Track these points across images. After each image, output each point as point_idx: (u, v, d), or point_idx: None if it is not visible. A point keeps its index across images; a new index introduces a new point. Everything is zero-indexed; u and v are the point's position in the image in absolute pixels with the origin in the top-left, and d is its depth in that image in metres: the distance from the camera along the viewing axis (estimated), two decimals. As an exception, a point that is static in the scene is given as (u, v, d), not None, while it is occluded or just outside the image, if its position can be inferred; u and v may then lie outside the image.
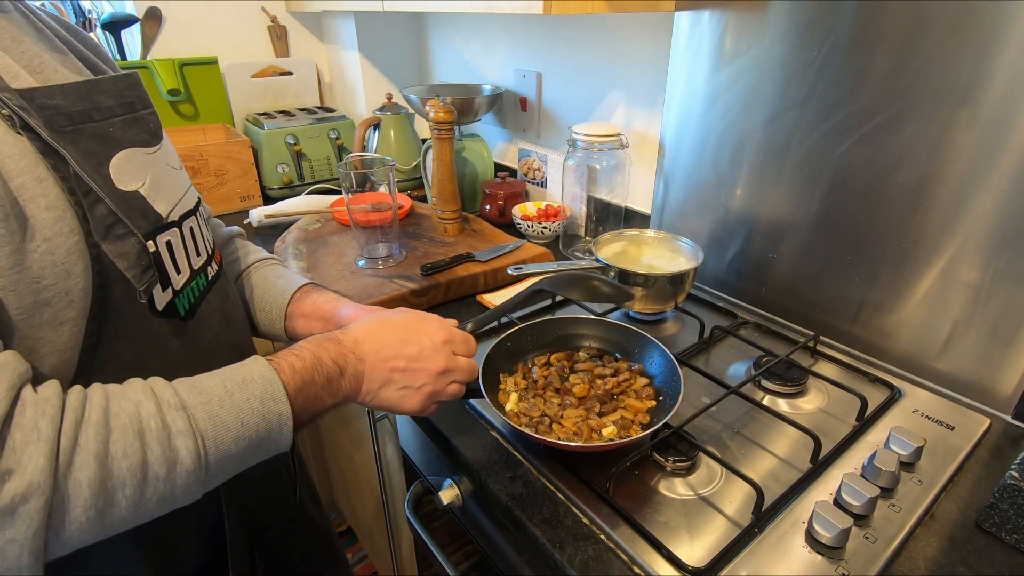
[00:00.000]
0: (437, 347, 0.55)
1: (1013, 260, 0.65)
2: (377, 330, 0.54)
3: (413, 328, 0.56)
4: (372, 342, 0.53)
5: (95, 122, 0.43)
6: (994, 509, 0.54)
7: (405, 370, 0.53)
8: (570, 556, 0.52)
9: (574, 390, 0.66)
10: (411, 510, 0.79)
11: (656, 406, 0.65)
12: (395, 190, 0.98)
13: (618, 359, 0.72)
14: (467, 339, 0.59)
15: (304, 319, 0.66)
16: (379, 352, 0.53)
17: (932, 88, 0.67)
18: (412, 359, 0.54)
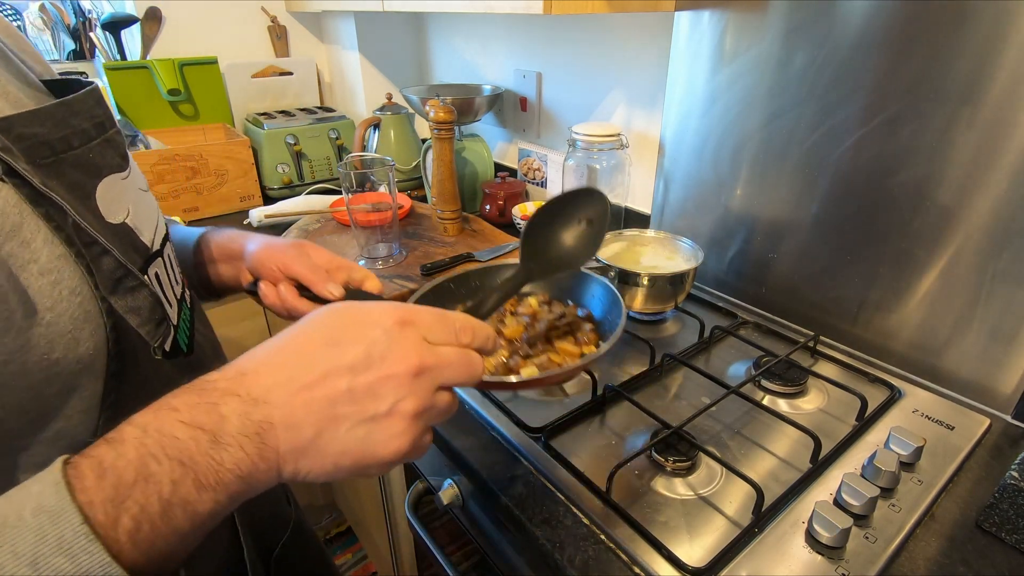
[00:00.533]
0: (393, 334, 0.33)
1: (1013, 260, 0.65)
2: (281, 346, 0.33)
3: (341, 321, 0.34)
4: (273, 366, 0.32)
5: (75, 149, 0.37)
6: (994, 509, 0.54)
7: (351, 390, 0.32)
8: (570, 556, 0.52)
9: (505, 331, 0.59)
10: (411, 510, 0.79)
11: (596, 351, 0.56)
12: (395, 190, 0.98)
13: (568, 304, 0.65)
14: (444, 317, 0.36)
15: (216, 265, 0.62)
16: (293, 378, 0.31)
17: (932, 88, 0.67)
18: (359, 367, 0.32)
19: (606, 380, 0.75)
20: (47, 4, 1.36)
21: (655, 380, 0.76)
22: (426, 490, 0.81)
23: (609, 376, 0.77)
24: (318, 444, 0.31)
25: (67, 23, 1.39)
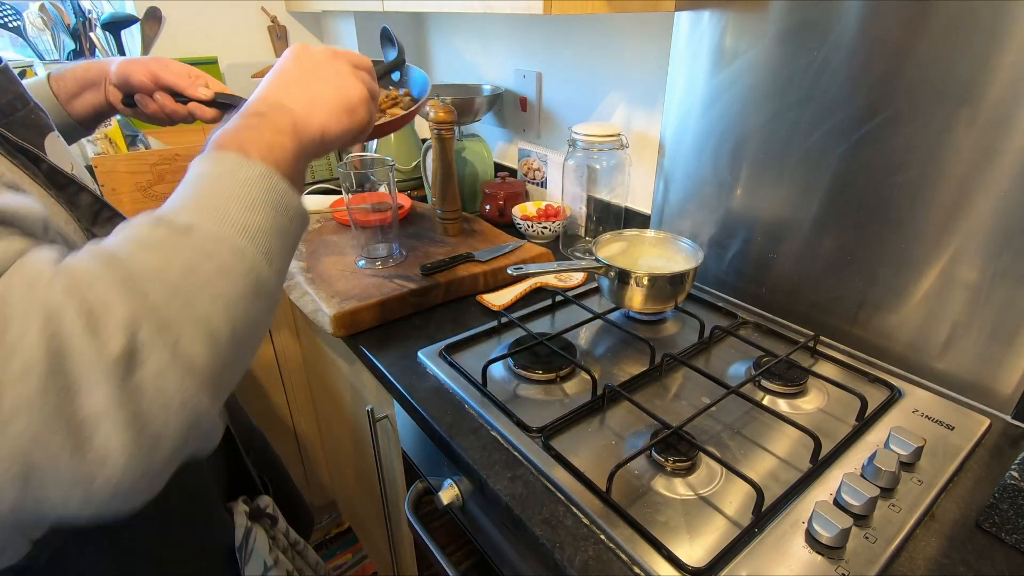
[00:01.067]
0: (341, 64, 0.51)
1: (1013, 260, 0.65)
2: (283, 81, 0.50)
3: (313, 62, 0.51)
4: (284, 94, 0.48)
5: (19, 112, 0.44)
6: (994, 509, 0.54)
7: (329, 77, 0.49)
8: (570, 556, 0.52)
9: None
10: (411, 510, 0.79)
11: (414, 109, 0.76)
12: (395, 190, 0.98)
13: (391, 88, 0.80)
14: (353, 52, 0.55)
15: (79, 97, 0.67)
16: (296, 90, 0.48)
17: (932, 88, 0.67)
18: (329, 72, 0.50)
19: (606, 380, 0.75)
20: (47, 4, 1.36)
21: (655, 380, 0.76)
22: (426, 490, 0.81)
23: (609, 376, 0.77)
24: (315, 101, 0.47)
25: (67, 23, 1.39)
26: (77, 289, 0.30)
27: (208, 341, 0.33)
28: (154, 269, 0.33)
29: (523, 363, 0.76)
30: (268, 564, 0.63)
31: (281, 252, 0.39)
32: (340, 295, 0.89)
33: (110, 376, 0.29)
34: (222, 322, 0.34)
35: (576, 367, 0.76)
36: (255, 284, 0.36)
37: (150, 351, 0.30)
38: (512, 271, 0.83)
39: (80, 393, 0.28)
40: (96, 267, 0.32)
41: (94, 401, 0.29)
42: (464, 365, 0.77)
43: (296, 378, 1.36)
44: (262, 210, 0.38)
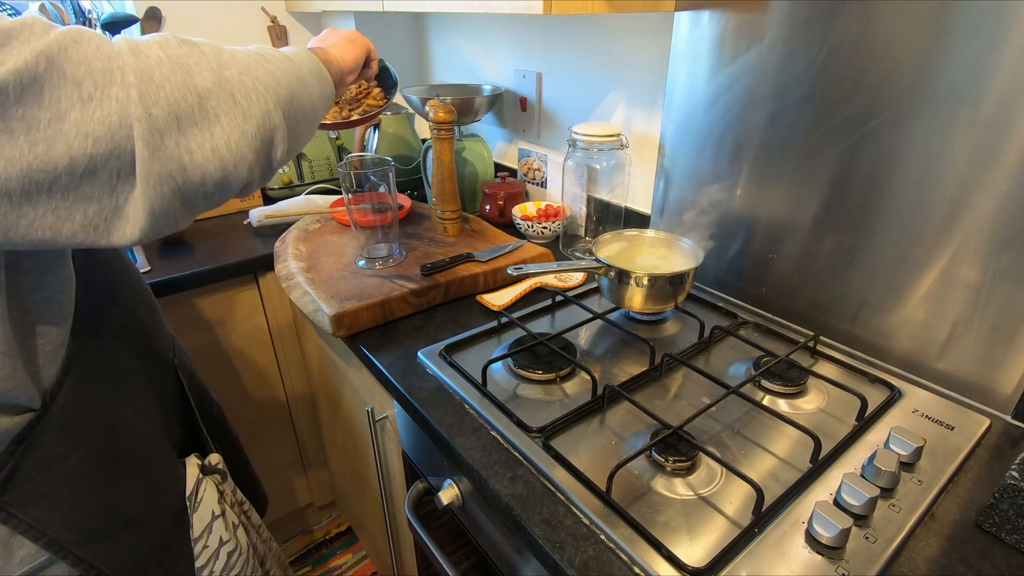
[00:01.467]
0: (355, 35, 0.75)
1: (1013, 260, 0.65)
2: (328, 43, 0.73)
3: (347, 34, 0.76)
4: (328, 46, 0.70)
5: None
6: (994, 509, 0.54)
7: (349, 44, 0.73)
8: (570, 556, 0.52)
9: (343, 98, 0.93)
10: (411, 510, 0.79)
11: (386, 101, 0.93)
12: (395, 190, 0.98)
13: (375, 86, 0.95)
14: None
15: None
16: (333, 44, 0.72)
17: (932, 88, 0.67)
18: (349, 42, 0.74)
19: (606, 380, 0.75)
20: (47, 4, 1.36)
21: (655, 380, 0.76)
22: (426, 490, 0.81)
23: (609, 376, 0.77)
24: (329, 42, 0.71)
25: (67, 23, 1.39)
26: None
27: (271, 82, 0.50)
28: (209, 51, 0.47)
29: (523, 363, 0.76)
30: (216, 513, 0.67)
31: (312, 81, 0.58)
32: (340, 295, 0.89)
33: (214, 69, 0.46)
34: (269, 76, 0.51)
35: (576, 367, 0.76)
36: (299, 80, 0.55)
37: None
38: (512, 271, 0.83)
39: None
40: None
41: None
42: (464, 365, 0.77)
43: (296, 378, 1.36)
44: (307, 56, 0.60)
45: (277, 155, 0.51)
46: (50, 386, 0.52)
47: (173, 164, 0.42)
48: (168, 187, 0.42)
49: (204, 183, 0.45)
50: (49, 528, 0.52)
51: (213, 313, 1.17)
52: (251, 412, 1.31)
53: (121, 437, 0.59)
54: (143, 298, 0.71)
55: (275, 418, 1.37)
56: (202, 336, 1.17)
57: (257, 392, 1.31)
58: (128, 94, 0.39)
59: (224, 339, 1.21)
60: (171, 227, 0.46)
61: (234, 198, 0.52)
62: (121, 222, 0.42)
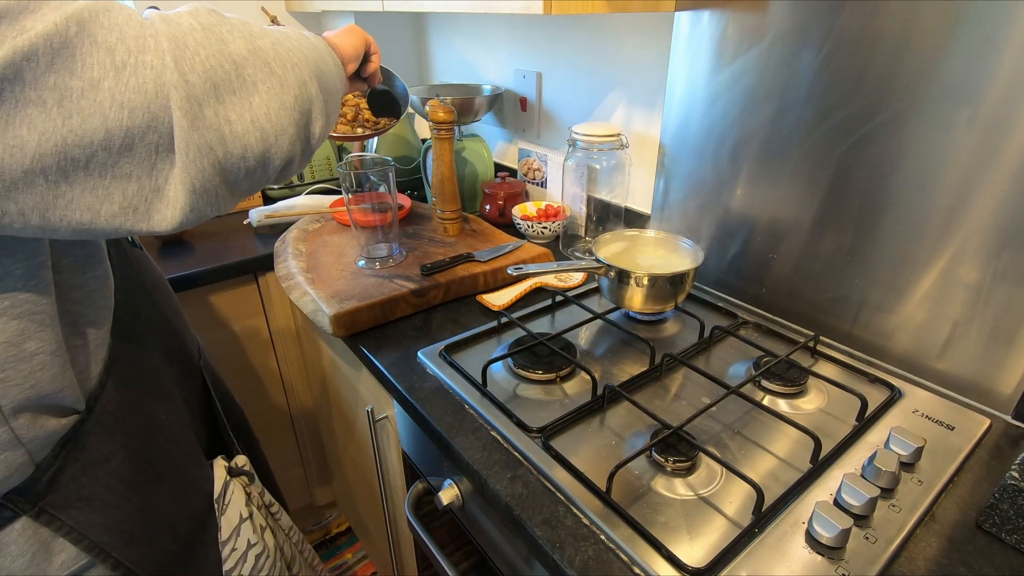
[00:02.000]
0: (357, 29, 0.72)
1: (1013, 260, 0.65)
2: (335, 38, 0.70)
3: (353, 29, 0.73)
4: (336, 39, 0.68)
5: None
6: (994, 509, 0.54)
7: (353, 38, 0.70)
8: (570, 556, 0.52)
9: (348, 116, 0.94)
10: (411, 510, 0.79)
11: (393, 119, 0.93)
12: (395, 190, 0.98)
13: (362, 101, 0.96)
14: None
15: None
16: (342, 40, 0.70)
17: (932, 88, 0.67)
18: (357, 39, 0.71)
19: (606, 380, 0.75)
20: (47, 4, 1.36)
21: (655, 380, 0.76)
22: (426, 490, 0.81)
23: (609, 376, 0.77)
24: (342, 38, 0.66)
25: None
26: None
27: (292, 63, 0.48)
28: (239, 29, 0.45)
29: (523, 363, 0.76)
30: (243, 516, 0.67)
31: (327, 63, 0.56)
32: (340, 295, 0.89)
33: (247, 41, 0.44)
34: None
35: (576, 367, 0.76)
36: (321, 58, 0.54)
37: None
38: (512, 271, 0.83)
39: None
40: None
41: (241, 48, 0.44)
42: (464, 365, 0.77)
43: (296, 378, 1.36)
44: (318, 38, 0.59)
45: (316, 130, 0.49)
46: (94, 387, 0.52)
47: (212, 135, 0.40)
48: (208, 160, 0.41)
49: (245, 156, 0.43)
50: (90, 531, 0.52)
51: (213, 313, 1.17)
52: (252, 412, 1.30)
53: (156, 439, 0.59)
54: (169, 299, 0.71)
55: (275, 418, 1.37)
56: (202, 336, 1.16)
57: (257, 392, 1.31)
58: (163, 60, 0.38)
59: (224, 339, 1.21)
60: (213, 209, 0.44)
61: (276, 183, 0.50)
62: (162, 203, 0.40)
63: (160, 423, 0.60)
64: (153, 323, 0.64)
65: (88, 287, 0.51)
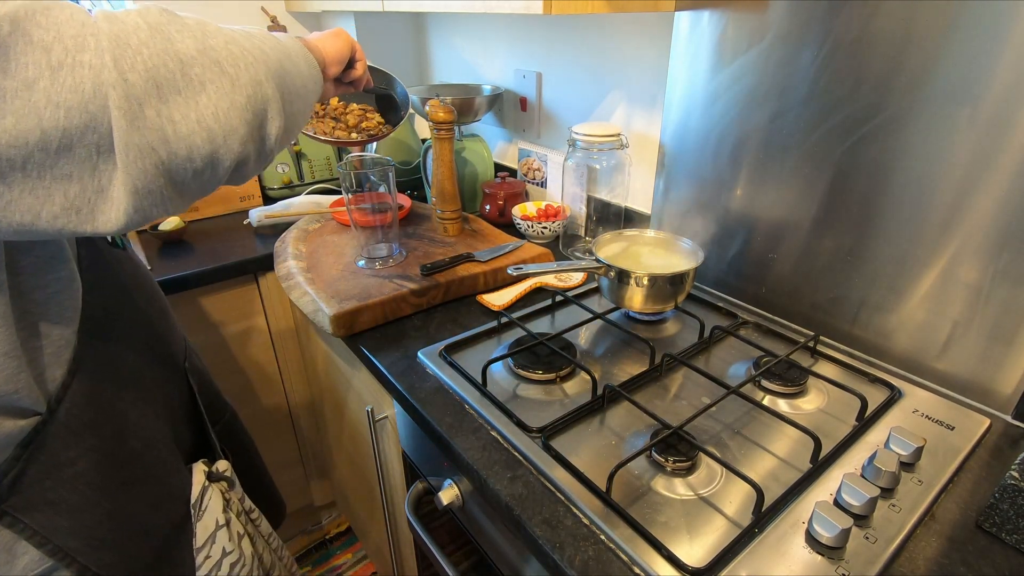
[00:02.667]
0: (344, 33, 0.73)
1: (1013, 260, 0.65)
2: (317, 40, 0.70)
3: (338, 33, 0.73)
4: (317, 42, 0.68)
5: None
6: (994, 509, 0.54)
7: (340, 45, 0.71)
8: (570, 556, 0.52)
9: (348, 120, 0.93)
10: (411, 510, 0.79)
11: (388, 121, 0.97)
12: (395, 190, 0.98)
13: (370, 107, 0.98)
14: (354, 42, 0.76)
15: None
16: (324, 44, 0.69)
17: (932, 88, 0.67)
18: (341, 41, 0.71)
19: (606, 380, 0.75)
20: (47, 4, 1.36)
21: (655, 380, 0.76)
22: (426, 490, 0.81)
23: (609, 376, 0.77)
24: (324, 41, 0.67)
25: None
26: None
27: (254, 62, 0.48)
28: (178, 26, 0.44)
29: (523, 363, 0.76)
30: (220, 523, 0.66)
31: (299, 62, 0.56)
32: (340, 295, 0.89)
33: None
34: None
35: (576, 367, 0.76)
36: (287, 58, 0.53)
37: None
38: (512, 271, 0.83)
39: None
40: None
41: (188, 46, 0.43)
42: (464, 365, 0.77)
43: (296, 378, 1.36)
44: (291, 39, 0.58)
45: (272, 131, 0.48)
46: (56, 389, 0.52)
47: (154, 135, 0.39)
48: (150, 161, 0.40)
49: (191, 157, 0.42)
50: (54, 535, 0.52)
51: (213, 313, 1.17)
52: (251, 412, 1.31)
53: (129, 442, 0.58)
54: (154, 300, 0.70)
55: (275, 418, 1.37)
56: (202, 336, 1.17)
57: (257, 392, 1.31)
58: (102, 59, 0.37)
59: (224, 339, 1.21)
60: (160, 210, 0.43)
61: (232, 184, 0.49)
62: (107, 204, 0.40)
63: (134, 426, 0.59)
64: (131, 324, 0.63)
65: (50, 288, 0.51)
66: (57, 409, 0.51)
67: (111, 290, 0.60)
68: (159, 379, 0.66)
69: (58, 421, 0.51)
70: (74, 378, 0.53)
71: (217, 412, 0.80)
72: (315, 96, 0.60)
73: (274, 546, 0.79)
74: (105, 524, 0.55)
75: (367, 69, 0.78)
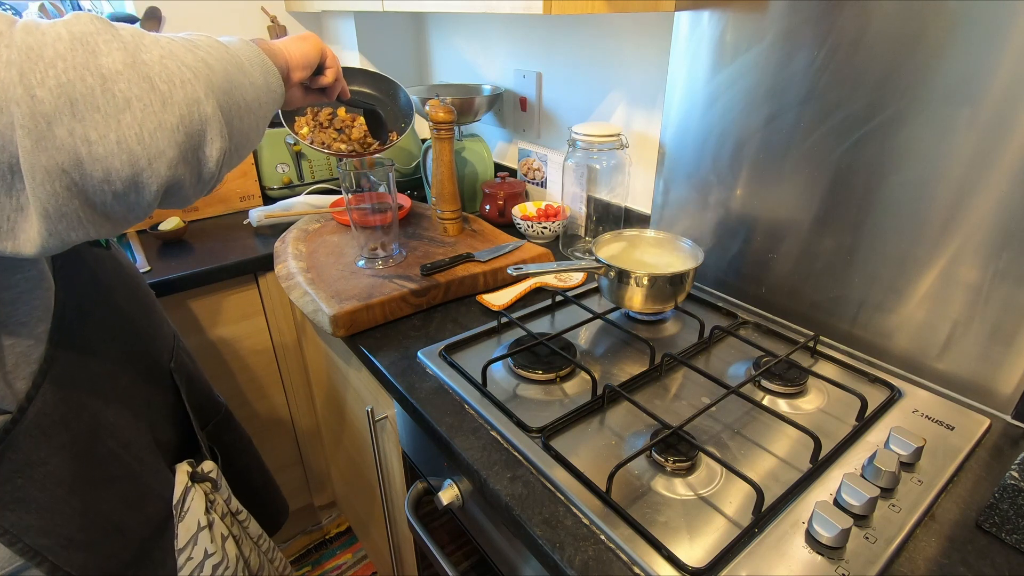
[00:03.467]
0: (313, 39, 0.69)
1: (1013, 260, 0.65)
2: (285, 44, 0.67)
3: (307, 37, 0.69)
4: (284, 47, 0.65)
5: None
6: (994, 509, 0.54)
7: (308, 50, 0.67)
8: (570, 556, 0.52)
9: (353, 135, 0.88)
10: (411, 510, 0.79)
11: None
12: (395, 190, 0.98)
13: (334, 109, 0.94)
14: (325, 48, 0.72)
15: None
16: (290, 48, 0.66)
17: (932, 88, 0.67)
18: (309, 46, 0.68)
19: (606, 380, 0.75)
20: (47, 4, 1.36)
21: (655, 380, 0.76)
22: (426, 490, 0.81)
23: (609, 376, 0.77)
24: (290, 44, 0.64)
25: (67, 23, 1.38)
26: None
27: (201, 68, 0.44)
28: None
29: (523, 363, 0.76)
30: (202, 524, 0.66)
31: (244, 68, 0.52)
32: (340, 295, 0.89)
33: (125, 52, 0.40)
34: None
35: (576, 367, 0.76)
36: (237, 69, 0.49)
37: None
38: (512, 271, 0.83)
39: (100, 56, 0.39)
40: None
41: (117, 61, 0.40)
42: (464, 365, 0.77)
43: (296, 378, 1.36)
44: (245, 44, 0.54)
45: (212, 153, 0.44)
46: (26, 388, 0.51)
47: (64, 156, 0.37)
48: (60, 184, 0.37)
49: (109, 180, 0.39)
50: (25, 534, 0.51)
51: (213, 313, 1.17)
52: (251, 412, 1.31)
53: (104, 442, 0.58)
54: (137, 298, 0.69)
55: (275, 418, 1.37)
56: (201, 336, 1.17)
57: (257, 392, 1.31)
58: (8, 73, 0.35)
59: (224, 339, 1.21)
60: (80, 233, 0.40)
61: (173, 208, 0.47)
62: (27, 224, 0.38)
63: (109, 426, 0.59)
64: (107, 323, 0.62)
65: (18, 288, 0.50)
66: (28, 408, 0.51)
67: (86, 290, 0.59)
68: (139, 378, 0.65)
69: (28, 420, 0.51)
70: (45, 377, 0.52)
71: (208, 412, 0.80)
72: (272, 107, 0.56)
73: (264, 548, 0.79)
74: (77, 523, 0.55)
75: (342, 78, 0.75)
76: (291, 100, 0.69)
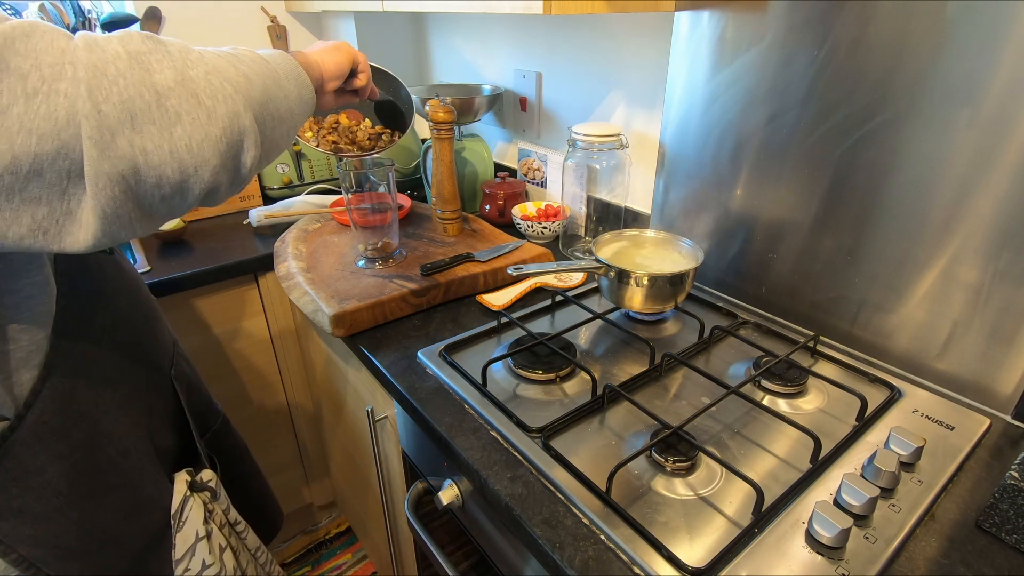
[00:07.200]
0: (346, 47, 0.72)
1: (1013, 260, 0.65)
2: (316, 52, 0.70)
3: (339, 45, 0.72)
4: (318, 56, 0.68)
5: None
6: (994, 509, 0.54)
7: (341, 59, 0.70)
8: (570, 556, 0.52)
9: (358, 138, 0.88)
10: (411, 510, 0.79)
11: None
12: (395, 190, 0.98)
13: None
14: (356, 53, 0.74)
15: None
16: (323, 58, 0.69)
17: (932, 88, 0.67)
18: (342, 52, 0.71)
19: (606, 380, 0.75)
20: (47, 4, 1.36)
21: (655, 380, 0.76)
22: (426, 490, 0.81)
23: (609, 376, 0.77)
24: (324, 56, 0.66)
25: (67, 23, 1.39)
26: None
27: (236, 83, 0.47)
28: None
29: (523, 363, 0.76)
30: (200, 535, 0.65)
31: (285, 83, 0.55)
32: (340, 295, 0.89)
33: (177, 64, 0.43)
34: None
35: (576, 367, 0.76)
36: (274, 82, 0.52)
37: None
38: (512, 271, 0.83)
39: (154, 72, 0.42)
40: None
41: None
42: (464, 365, 0.77)
43: (296, 378, 1.36)
44: (283, 57, 0.57)
45: (247, 160, 0.48)
46: (25, 395, 0.51)
47: (125, 164, 0.40)
48: (120, 188, 0.41)
49: (160, 185, 0.42)
50: (19, 544, 0.51)
51: (213, 313, 1.17)
52: (251, 412, 1.31)
53: (103, 451, 0.58)
54: (139, 305, 0.69)
55: (275, 418, 1.37)
56: (201, 336, 1.17)
57: (257, 393, 1.31)
58: (77, 90, 0.38)
59: (224, 339, 1.21)
60: (128, 232, 0.44)
61: (204, 206, 0.50)
62: (74, 226, 0.41)
63: (108, 434, 0.58)
64: (109, 330, 0.61)
65: (23, 293, 0.50)
66: (26, 415, 0.51)
67: (89, 294, 0.59)
68: (139, 386, 0.65)
69: (27, 428, 0.51)
70: (45, 384, 0.52)
71: (207, 420, 0.79)
72: (303, 117, 0.60)
73: (261, 560, 0.78)
74: (72, 533, 0.55)
75: (371, 79, 0.77)
76: (324, 104, 0.71)
